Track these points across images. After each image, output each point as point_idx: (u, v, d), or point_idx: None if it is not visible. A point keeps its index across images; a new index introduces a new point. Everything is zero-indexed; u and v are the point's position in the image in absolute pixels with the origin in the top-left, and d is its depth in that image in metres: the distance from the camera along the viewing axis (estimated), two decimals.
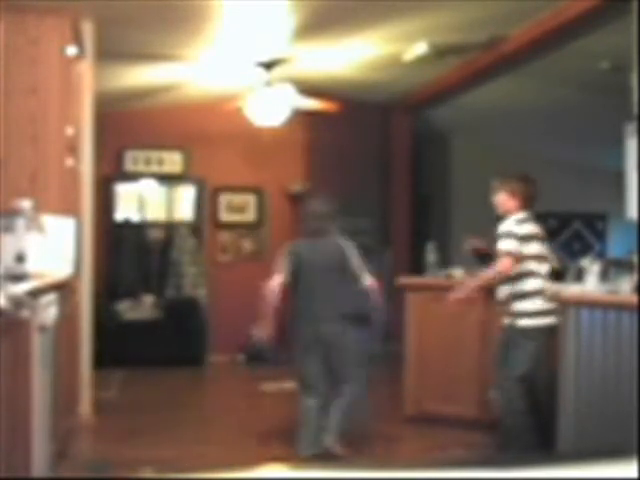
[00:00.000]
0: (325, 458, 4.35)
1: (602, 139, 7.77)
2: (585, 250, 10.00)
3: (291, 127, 7.59)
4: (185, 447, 4.89)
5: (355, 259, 4.72)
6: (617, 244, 10.18)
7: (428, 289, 5.54)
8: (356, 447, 4.63)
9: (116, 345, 7.40)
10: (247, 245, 8.66)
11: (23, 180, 4.56)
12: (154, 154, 8.36)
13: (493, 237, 4.64)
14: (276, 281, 4.62)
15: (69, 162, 4.85)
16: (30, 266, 4.01)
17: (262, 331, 4.71)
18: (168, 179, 8.36)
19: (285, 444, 4.83)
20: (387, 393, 6.55)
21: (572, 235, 10.63)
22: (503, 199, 4.67)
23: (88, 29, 5.32)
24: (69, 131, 4.82)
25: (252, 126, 7.26)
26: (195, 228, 8.37)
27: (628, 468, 0.93)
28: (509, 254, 4.47)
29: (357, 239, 4.89)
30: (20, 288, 3.13)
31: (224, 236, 8.61)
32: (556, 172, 10.08)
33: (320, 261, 4.67)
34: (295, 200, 8.61)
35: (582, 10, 5.04)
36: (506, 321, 4.59)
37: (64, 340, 4.24)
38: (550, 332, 4.42)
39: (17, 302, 2.87)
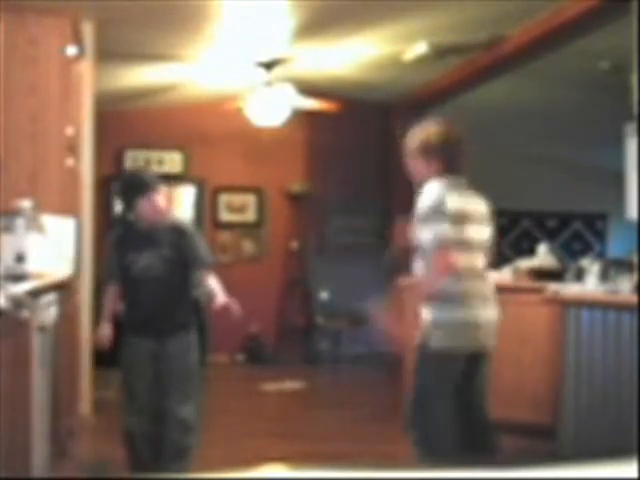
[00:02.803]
0: None
1: (602, 139, 7.77)
2: (585, 250, 10.00)
3: (291, 127, 7.60)
4: None
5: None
6: (617, 244, 10.18)
7: None
8: None
9: (116, 345, 7.38)
10: (247, 245, 8.66)
11: (23, 180, 4.56)
12: (154, 154, 8.36)
13: None
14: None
15: (69, 162, 4.85)
16: (30, 266, 4.01)
17: None
18: (168, 179, 8.35)
19: (285, 444, 4.83)
20: (387, 394, 6.55)
21: (572, 235, 10.63)
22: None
23: (88, 29, 5.32)
24: (69, 131, 4.82)
25: (252, 126, 7.27)
26: (195, 228, 8.36)
27: (628, 468, 0.93)
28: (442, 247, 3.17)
29: (357, 238, 4.85)
30: (20, 288, 3.13)
31: (224, 236, 8.61)
32: (556, 172, 10.09)
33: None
34: (295, 200, 8.62)
35: (582, 10, 5.04)
36: None
37: (64, 340, 4.24)
38: None
39: (17, 302, 2.87)
